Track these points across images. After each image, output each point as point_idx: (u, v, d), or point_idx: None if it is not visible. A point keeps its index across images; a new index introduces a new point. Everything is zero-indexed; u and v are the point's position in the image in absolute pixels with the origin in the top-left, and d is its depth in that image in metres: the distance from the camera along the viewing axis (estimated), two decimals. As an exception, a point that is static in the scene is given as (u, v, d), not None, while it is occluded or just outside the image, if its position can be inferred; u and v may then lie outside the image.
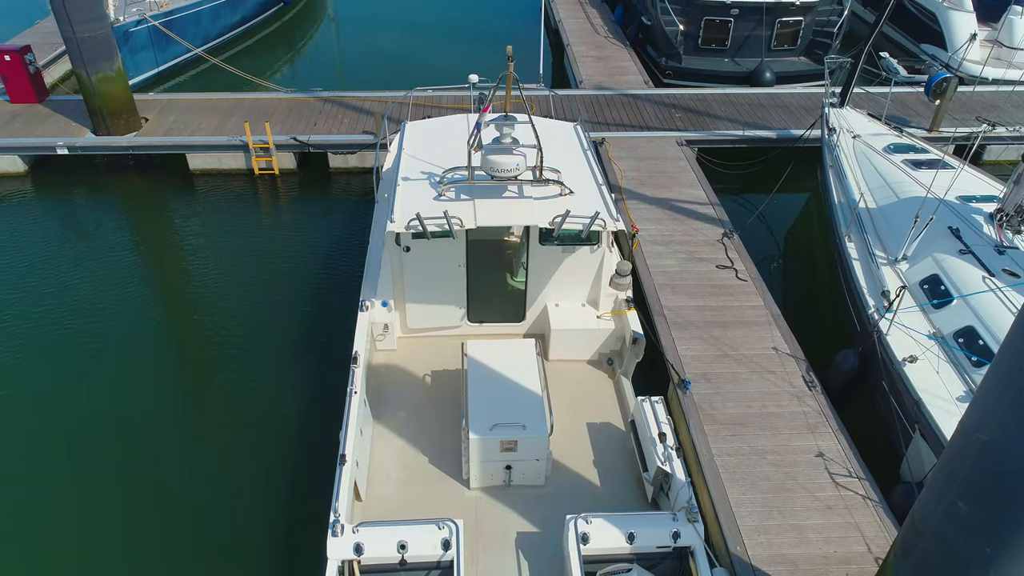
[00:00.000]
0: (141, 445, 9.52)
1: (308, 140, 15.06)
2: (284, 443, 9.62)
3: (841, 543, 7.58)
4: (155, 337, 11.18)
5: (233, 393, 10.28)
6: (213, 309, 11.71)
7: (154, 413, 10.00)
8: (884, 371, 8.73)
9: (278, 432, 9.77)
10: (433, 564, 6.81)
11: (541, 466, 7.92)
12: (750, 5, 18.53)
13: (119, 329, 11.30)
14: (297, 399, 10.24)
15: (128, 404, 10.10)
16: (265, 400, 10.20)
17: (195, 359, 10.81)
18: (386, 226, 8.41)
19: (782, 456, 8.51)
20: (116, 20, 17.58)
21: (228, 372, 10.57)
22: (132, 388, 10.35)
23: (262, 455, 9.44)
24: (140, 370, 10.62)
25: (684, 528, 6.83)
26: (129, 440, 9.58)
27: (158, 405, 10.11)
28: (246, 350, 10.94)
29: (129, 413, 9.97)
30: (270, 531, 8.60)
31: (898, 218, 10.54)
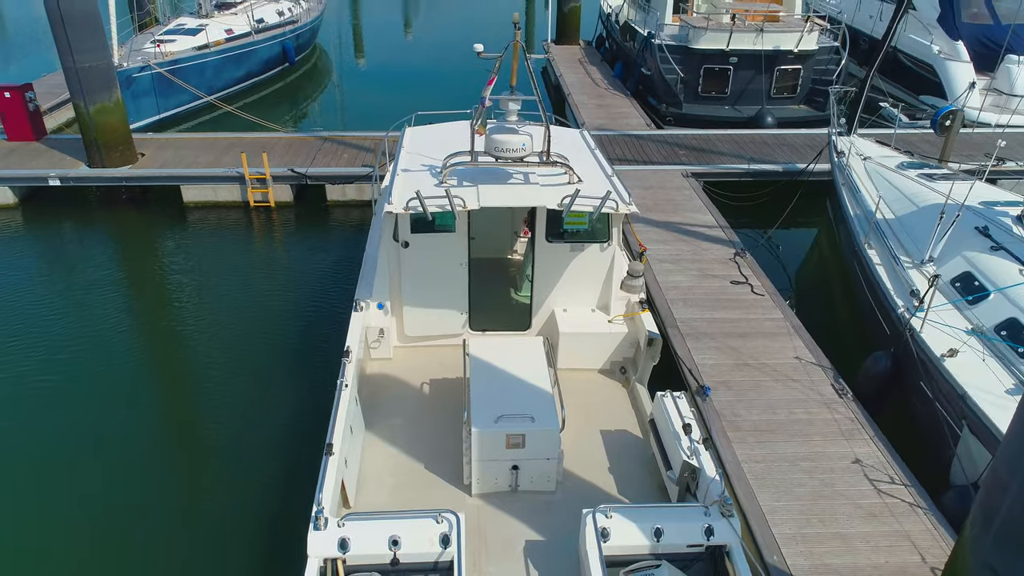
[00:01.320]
0: (126, 482, 8.65)
1: (306, 172, 14.77)
2: (269, 463, 8.76)
3: (892, 552, 6.66)
4: (139, 367, 10.36)
5: (222, 421, 9.43)
6: (203, 340, 10.92)
7: (143, 443, 9.17)
8: (921, 369, 8.00)
9: (264, 457, 8.92)
10: (430, 566, 5.88)
11: (552, 467, 7.05)
12: (748, 53, 18.73)
13: (103, 359, 10.47)
14: (286, 428, 9.43)
15: (114, 432, 9.29)
16: (254, 435, 9.38)
17: (180, 389, 9.98)
18: (383, 212, 7.89)
19: (816, 463, 7.66)
20: (120, 64, 17.70)
21: (215, 401, 9.73)
22: (118, 420, 9.54)
23: (246, 471, 8.57)
24: (125, 401, 9.81)
25: (718, 523, 5.93)
26: (112, 474, 8.73)
27: (148, 435, 9.29)
28: (234, 382, 10.09)
29: (114, 442, 9.15)
30: (252, 530, 7.66)
31: (919, 225, 10.05)
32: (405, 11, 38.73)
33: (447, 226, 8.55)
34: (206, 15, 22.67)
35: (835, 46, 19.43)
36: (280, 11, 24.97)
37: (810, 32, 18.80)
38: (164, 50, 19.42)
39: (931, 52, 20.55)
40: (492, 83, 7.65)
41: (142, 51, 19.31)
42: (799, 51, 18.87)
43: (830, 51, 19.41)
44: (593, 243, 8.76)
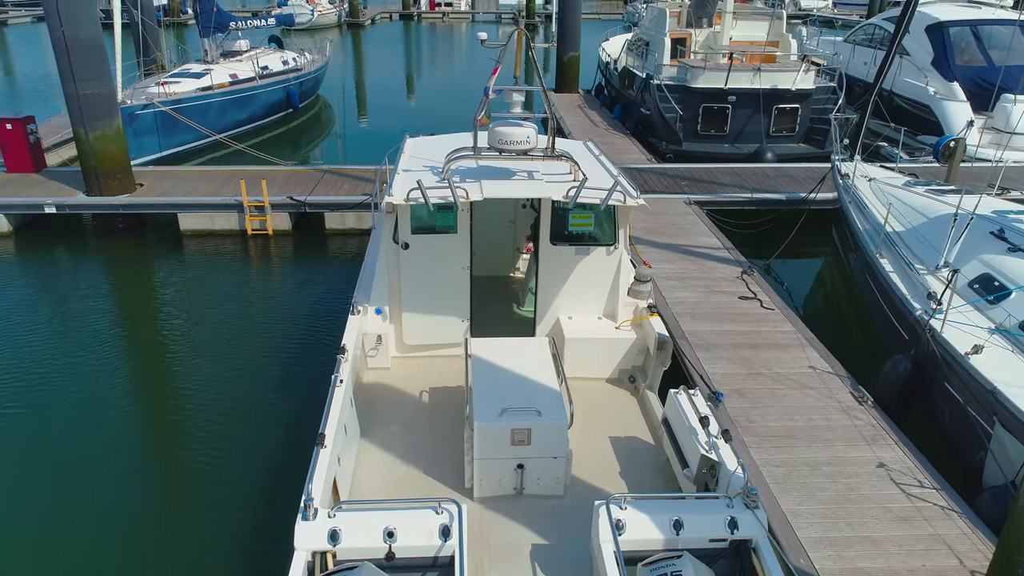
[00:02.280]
0: (114, 500, 8.14)
1: (305, 200, 14.63)
2: (258, 500, 8.25)
3: (928, 556, 6.13)
4: (131, 394, 9.81)
5: (214, 449, 8.89)
6: (197, 368, 10.36)
7: (133, 478, 8.68)
8: (945, 369, 7.59)
9: (253, 495, 8.42)
10: (428, 561, 5.36)
11: (560, 468, 6.55)
12: (746, 92, 18.92)
13: (94, 386, 9.95)
14: (275, 462, 8.95)
15: (103, 461, 8.80)
16: (246, 466, 8.90)
17: (172, 419, 9.44)
18: (383, 212, 7.62)
19: (839, 467, 7.18)
20: (124, 102, 17.82)
21: (207, 429, 9.18)
22: (107, 448, 9.04)
23: (237, 507, 8.05)
24: (115, 431, 9.32)
25: (742, 515, 5.43)
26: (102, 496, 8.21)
27: (138, 468, 8.80)
28: (228, 410, 9.56)
29: (103, 468, 8.66)
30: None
31: (930, 234, 9.80)
32: (407, 69, 39.62)
33: (448, 227, 8.30)
34: (212, 61, 23.06)
35: (832, 86, 19.66)
36: (285, 60, 25.44)
37: (806, 72, 19.04)
38: (168, 90, 19.63)
39: (927, 93, 20.77)
40: (496, 73, 7.53)
41: (146, 91, 19.51)
42: (796, 90, 19.06)
43: (827, 91, 19.62)
44: (599, 246, 8.47)
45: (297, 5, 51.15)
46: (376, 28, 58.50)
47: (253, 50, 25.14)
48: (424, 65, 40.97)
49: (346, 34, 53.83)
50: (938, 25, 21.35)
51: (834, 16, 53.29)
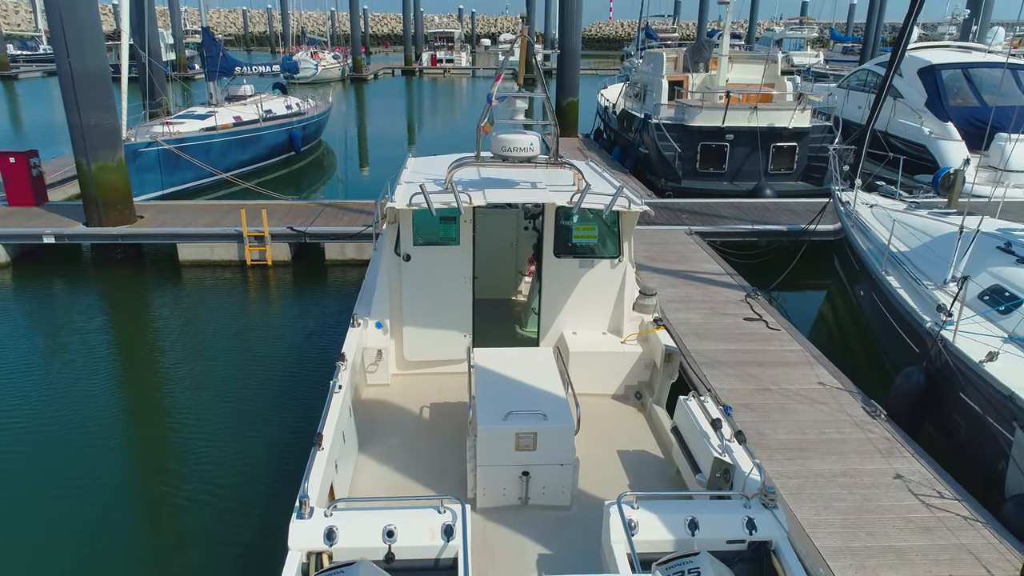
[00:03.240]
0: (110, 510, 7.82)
1: (305, 230, 14.59)
2: (253, 517, 7.93)
3: (954, 565, 5.81)
4: (125, 421, 9.49)
5: (207, 482, 8.63)
6: (193, 397, 10.04)
7: (128, 505, 8.38)
8: (960, 379, 7.38)
9: (250, 513, 8.11)
10: (430, 563, 5.05)
11: (567, 476, 6.26)
12: (744, 130, 19.14)
13: (91, 413, 9.65)
14: (271, 489, 8.65)
15: (99, 496, 8.50)
16: (241, 489, 8.61)
17: (165, 446, 9.15)
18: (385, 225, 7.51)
19: (855, 479, 6.90)
20: (128, 139, 17.98)
21: (201, 461, 8.89)
22: (102, 479, 8.76)
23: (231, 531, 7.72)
24: (110, 458, 9.04)
25: (761, 516, 5.14)
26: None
27: (133, 481, 8.52)
28: (222, 440, 9.19)
29: (98, 502, 8.35)
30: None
31: (936, 253, 9.71)
32: (409, 119, 40.30)
33: (451, 239, 8.20)
34: (216, 104, 23.42)
35: (828, 125, 19.91)
36: (288, 105, 25.87)
37: (803, 111, 19.30)
38: (172, 129, 19.85)
39: (923, 134, 21.02)
40: (499, 80, 7.54)
41: (150, 130, 19.73)
42: (793, 128, 19.28)
43: (824, 130, 19.85)
44: (603, 259, 8.36)
45: (302, 60, 52.41)
46: (379, 82, 59.84)
47: (257, 95, 25.57)
48: (425, 116, 41.71)
49: (349, 88, 55.00)
50: (930, 68, 21.77)
51: (826, 71, 54.68)
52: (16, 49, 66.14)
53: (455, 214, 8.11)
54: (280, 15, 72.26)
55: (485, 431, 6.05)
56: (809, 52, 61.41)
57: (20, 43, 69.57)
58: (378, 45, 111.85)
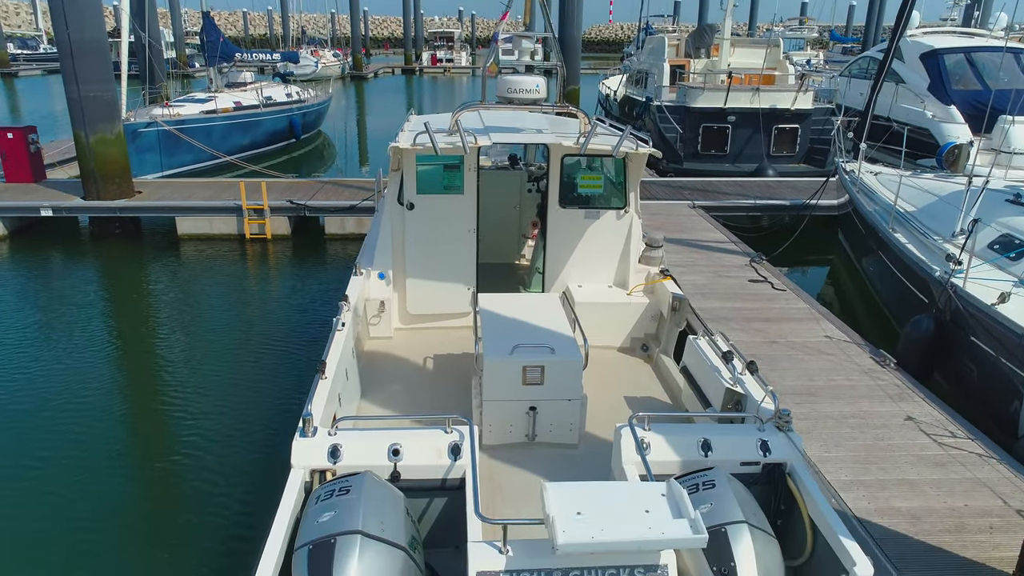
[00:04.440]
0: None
1: (305, 203, 14.48)
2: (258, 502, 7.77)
3: (969, 496, 5.68)
4: (124, 393, 9.22)
5: (206, 452, 8.43)
6: (192, 369, 9.77)
7: (126, 467, 8.22)
8: (971, 322, 7.25)
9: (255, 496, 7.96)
10: (437, 483, 4.91)
11: (574, 412, 6.10)
12: (746, 111, 19.05)
13: (88, 385, 9.38)
14: (272, 461, 8.50)
15: (96, 473, 8.34)
16: (241, 462, 8.45)
17: (164, 417, 8.92)
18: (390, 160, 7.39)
19: (865, 420, 6.76)
20: (128, 119, 17.89)
21: (198, 432, 8.66)
22: (100, 456, 8.60)
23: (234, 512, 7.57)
24: (111, 432, 8.88)
25: (775, 438, 5.00)
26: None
27: (132, 472, 8.36)
28: (222, 412, 8.94)
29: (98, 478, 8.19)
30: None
31: (943, 209, 9.59)
32: (408, 112, 40.19)
33: (455, 187, 8.07)
34: (216, 90, 23.34)
35: (831, 107, 19.83)
36: (288, 93, 25.79)
37: (805, 93, 19.22)
38: (171, 111, 19.75)
39: (926, 117, 20.93)
40: (505, 17, 7.44)
41: (150, 112, 19.63)
42: (795, 110, 19.21)
43: (826, 112, 19.78)
44: (609, 209, 8.22)
45: (302, 56, 52.40)
46: (379, 80, 59.87)
47: (258, 83, 25.51)
48: (426, 110, 41.63)
49: (349, 85, 55.02)
50: (932, 53, 21.68)
51: (826, 71, 54.69)
52: (16, 48, 66.18)
53: (459, 162, 7.99)
54: (280, 17, 72.36)
55: (491, 363, 5.90)
56: (809, 52, 61.48)
57: (20, 42, 69.65)
58: (378, 47, 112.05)
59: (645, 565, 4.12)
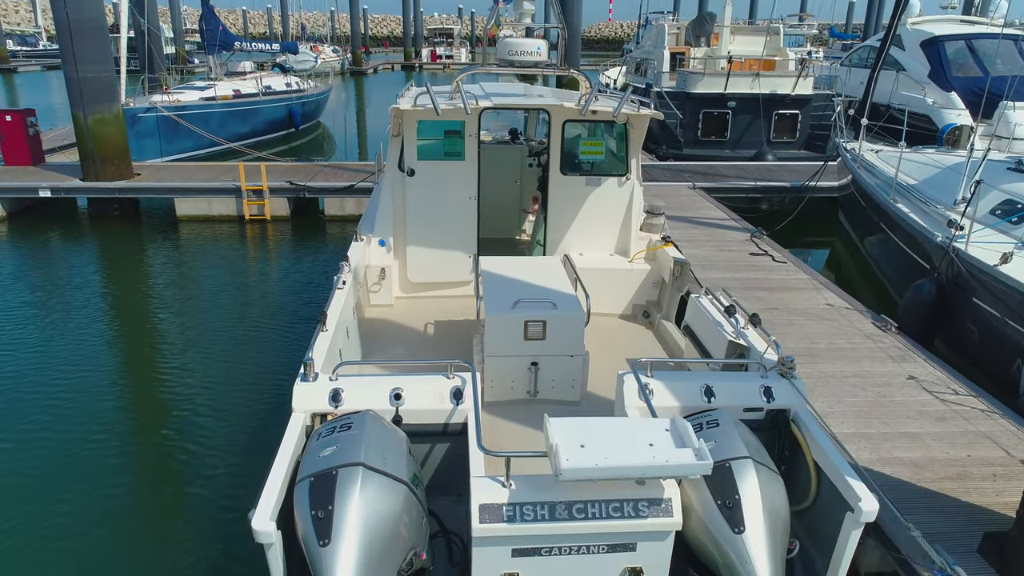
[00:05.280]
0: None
1: (304, 184, 14.44)
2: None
3: (972, 448, 5.64)
4: (122, 374, 9.03)
5: (205, 433, 8.36)
6: (190, 350, 9.57)
7: (126, 471, 8.17)
8: (973, 284, 7.21)
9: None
10: (439, 428, 4.87)
11: (576, 368, 6.05)
12: (746, 97, 19.02)
13: (87, 365, 9.23)
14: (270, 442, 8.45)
15: (97, 451, 8.29)
16: (239, 442, 8.40)
17: (163, 397, 8.84)
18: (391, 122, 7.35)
19: (867, 379, 6.73)
20: (127, 104, 17.85)
21: (198, 415, 8.53)
22: (99, 440, 8.52)
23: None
24: (106, 418, 8.79)
25: (778, 384, 4.97)
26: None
27: (128, 462, 8.31)
28: (222, 393, 8.68)
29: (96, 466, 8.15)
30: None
31: (944, 180, 9.56)
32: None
33: (455, 153, 8.03)
34: (216, 78, 23.31)
35: (830, 93, 19.79)
36: (288, 83, 25.76)
37: (805, 78, 19.19)
38: (171, 97, 19.72)
39: (926, 104, 20.88)
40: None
41: (149, 98, 19.60)
42: (795, 95, 19.18)
43: (826, 98, 19.74)
44: (610, 176, 8.18)
45: (301, 54, 52.34)
46: (378, 76, 59.85)
47: (257, 72, 25.47)
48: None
49: (348, 80, 54.98)
50: (933, 40, 21.64)
51: (826, 65, 54.59)
52: (16, 45, 66.17)
53: (460, 128, 7.96)
54: (280, 15, 72.32)
55: (493, 318, 5.86)
56: (809, 48, 61.38)
57: (20, 39, 69.65)
58: (378, 46, 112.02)
59: (649, 499, 4.08)
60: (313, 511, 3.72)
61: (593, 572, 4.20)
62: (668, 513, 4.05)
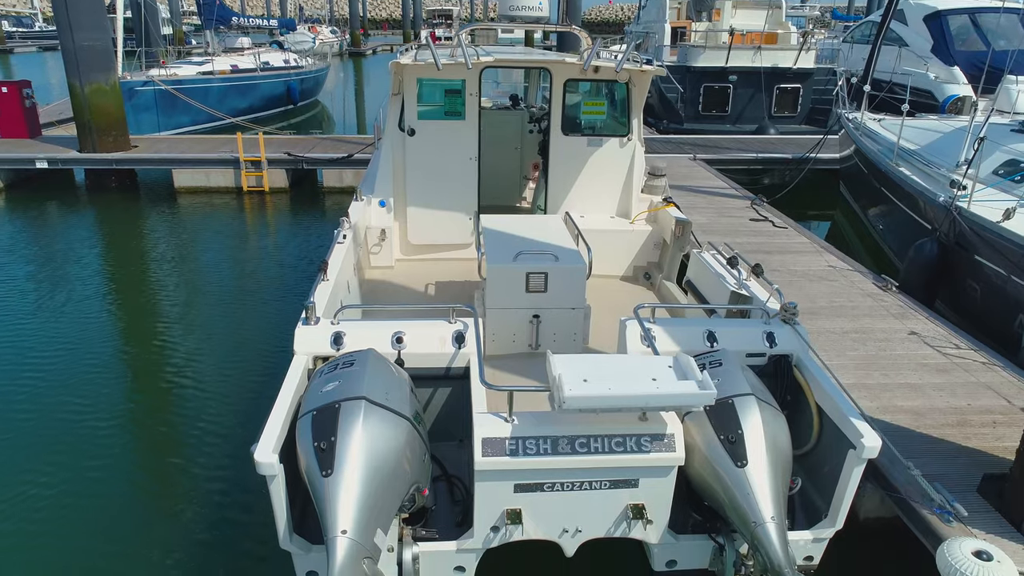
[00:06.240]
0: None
1: (303, 155, 14.36)
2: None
3: (973, 397, 5.64)
4: (119, 345, 8.87)
5: (203, 415, 8.34)
6: (188, 321, 9.41)
7: (120, 457, 8.15)
8: (976, 241, 7.18)
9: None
10: (441, 372, 4.86)
11: (578, 321, 6.02)
12: (747, 71, 18.89)
13: (83, 338, 9.04)
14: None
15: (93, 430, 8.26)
16: (237, 418, 8.38)
17: (160, 370, 8.75)
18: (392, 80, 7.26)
19: (867, 334, 6.72)
20: (123, 76, 17.71)
21: (196, 386, 8.49)
22: (97, 412, 8.48)
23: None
24: (104, 391, 8.77)
25: (780, 330, 4.96)
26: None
27: (126, 441, 8.28)
28: (218, 363, 8.58)
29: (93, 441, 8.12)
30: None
31: (947, 144, 9.50)
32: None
33: (456, 112, 7.97)
34: (213, 53, 23.13)
35: (832, 67, 19.66)
36: (286, 60, 25.57)
37: (807, 51, 19.05)
38: (168, 71, 19.57)
39: (928, 79, 20.74)
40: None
41: (146, 72, 19.45)
42: (797, 69, 19.04)
43: (828, 72, 19.61)
44: (612, 137, 8.12)
45: (298, 34, 51.96)
46: (377, 57, 59.44)
47: (255, 47, 25.28)
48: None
49: (347, 61, 54.61)
50: (936, 14, 21.46)
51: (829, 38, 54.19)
52: (11, 26, 65.65)
53: (460, 87, 7.89)
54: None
55: (494, 269, 5.83)
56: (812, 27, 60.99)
57: (16, 20, 69.09)
58: (376, 28, 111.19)
59: (652, 434, 4.08)
60: (316, 443, 3.71)
61: (595, 508, 4.21)
62: (671, 448, 4.05)
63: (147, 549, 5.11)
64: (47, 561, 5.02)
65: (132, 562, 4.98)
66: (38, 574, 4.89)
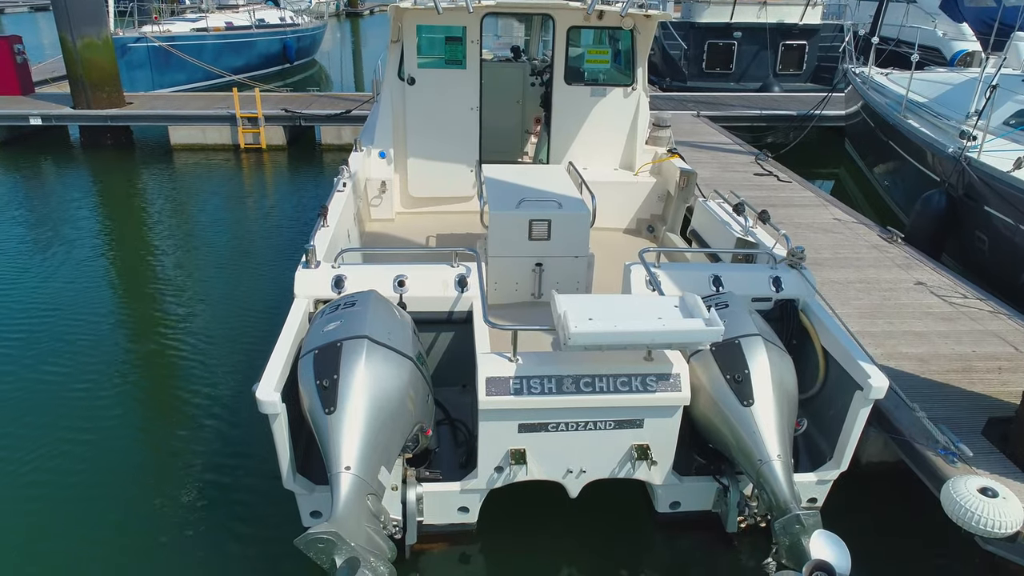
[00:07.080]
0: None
1: (300, 112, 14.14)
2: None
3: (978, 344, 5.60)
4: (115, 304, 8.67)
5: (202, 375, 8.19)
6: (185, 280, 9.15)
7: (121, 403, 8.07)
8: (985, 192, 7.08)
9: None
10: (443, 316, 4.81)
11: (581, 270, 5.95)
12: (752, 27, 18.53)
13: (77, 303, 8.69)
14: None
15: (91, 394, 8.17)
16: (234, 382, 8.31)
17: (156, 329, 8.68)
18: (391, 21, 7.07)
19: (872, 284, 6.66)
20: (116, 31, 17.36)
21: (194, 346, 8.46)
22: (94, 377, 8.39)
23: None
24: (103, 343, 8.69)
25: (787, 275, 4.90)
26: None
27: (126, 398, 8.21)
28: (216, 324, 8.66)
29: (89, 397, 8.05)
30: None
31: (956, 96, 9.33)
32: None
33: (457, 61, 7.79)
34: (207, 9, 22.67)
35: (839, 24, 19.27)
36: (282, 18, 25.07)
37: (814, 7, 18.66)
38: (161, 28, 19.19)
39: (937, 36, 20.37)
40: None
41: (139, 29, 19.07)
42: (803, 25, 18.67)
43: (834, 28, 19.23)
44: (616, 86, 7.95)
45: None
46: (375, 18, 58.38)
47: (250, 4, 24.77)
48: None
49: (344, 22, 53.66)
50: (945, -31, 21.02)
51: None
52: (2, -15, 64.29)
53: (461, 34, 7.70)
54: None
55: (497, 216, 5.74)
56: None
57: (6, -21, 67.59)
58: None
59: (657, 373, 4.04)
60: (318, 380, 3.67)
61: (599, 449, 4.20)
62: (676, 388, 4.02)
63: (151, 492, 5.11)
64: (51, 497, 5.02)
65: (136, 504, 4.99)
66: (42, 510, 4.90)
